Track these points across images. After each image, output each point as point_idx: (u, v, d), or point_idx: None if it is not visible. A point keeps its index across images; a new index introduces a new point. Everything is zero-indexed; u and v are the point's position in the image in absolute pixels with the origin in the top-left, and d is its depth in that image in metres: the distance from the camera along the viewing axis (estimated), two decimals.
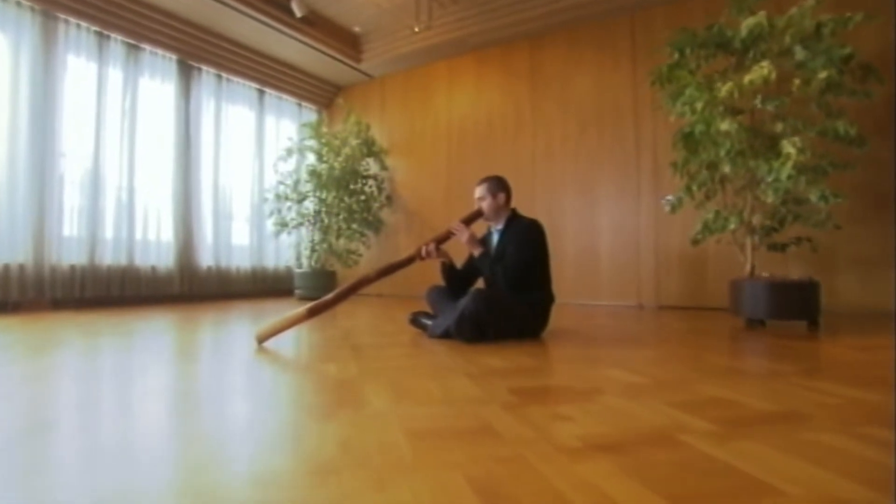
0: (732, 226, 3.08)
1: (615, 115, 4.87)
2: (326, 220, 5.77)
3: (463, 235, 2.62)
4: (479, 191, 2.74)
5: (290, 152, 5.87)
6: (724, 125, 2.89)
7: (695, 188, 3.37)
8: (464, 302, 2.37)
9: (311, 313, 2.34)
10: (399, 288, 5.67)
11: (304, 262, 5.89)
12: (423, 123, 6.13)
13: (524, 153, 5.34)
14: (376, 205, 6.09)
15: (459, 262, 2.85)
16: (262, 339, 2.27)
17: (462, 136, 5.82)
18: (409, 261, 2.62)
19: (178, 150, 5.22)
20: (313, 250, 5.82)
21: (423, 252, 2.63)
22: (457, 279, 2.77)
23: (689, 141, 3.34)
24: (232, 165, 5.86)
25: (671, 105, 3.35)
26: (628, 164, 4.79)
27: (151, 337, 2.64)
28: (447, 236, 2.68)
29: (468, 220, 2.69)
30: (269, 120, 6.39)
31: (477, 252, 2.62)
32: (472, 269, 2.80)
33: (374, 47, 5.96)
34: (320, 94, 6.75)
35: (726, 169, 3.05)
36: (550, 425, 1.17)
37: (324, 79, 6.60)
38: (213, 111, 5.67)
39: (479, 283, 2.82)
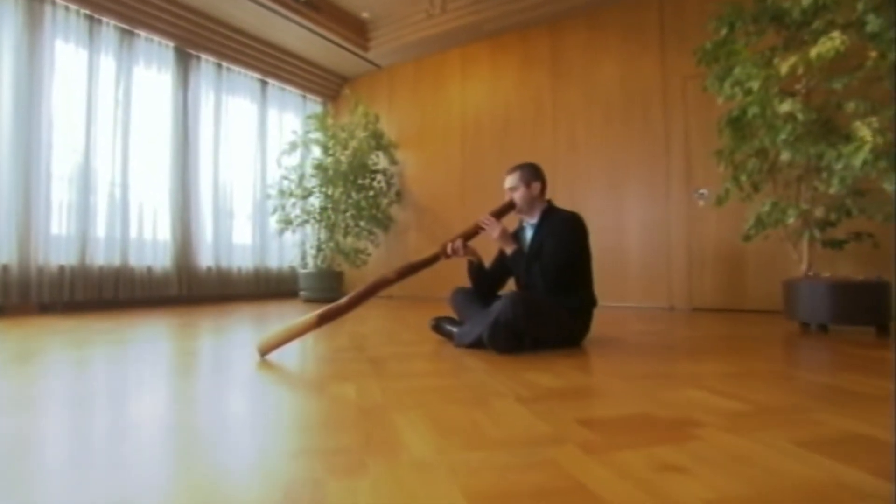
0: (791, 219, 2.74)
1: (643, 105, 4.54)
2: (333, 218, 5.46)
3: (494, 230, 2.29)
4: (511, 180, 2.42)
5: (294, 146, 5.56)
6: (786, 106, 2.56)
7: (743, 178, 3.04)
8: (499, 306, 2.05)
9: (322, 320, 2.02)
10: (413, 289, 5.34)
11: (310, 261, 5.58)
12: (435, 116, 5.81)
13: (545, 146, 5.01)
14: (385, 201, 5.77)
15: (487, 260, 2.52)
16: (264, 352, 1.95)
17: (477, 128, 5.50)
18: (433, 259, 2.29)
19: (176, 143, 4.92)
20: (319, 249, 5.51)
21: (449, 249, 2.31)
22: (485, 280, 2.45)
23: (737, 126, 3.02)
24: (233, 160, 5.55)
25: (717, 87, 3.02)
26: (658, 156, 4.46)
27: (141, 348, 2.32)
28: (475, 232, 2.35)
29: (498, 214, 2.37)
30: (272, 113, 6.08)
31: (510, 249, 2.30)
32: (502, 268, 2.47)
33: (383, 34, 5.64)
34: (325, 85, 6.44)
35: (783, 156, 2.72)
36: (659, 480, 0.85)
37: (329, 69, 6.29)
38: (213, 103, 5.36)
39: (510, 286, 2.50)
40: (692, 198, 4.31)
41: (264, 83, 5.91)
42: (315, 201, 5.56)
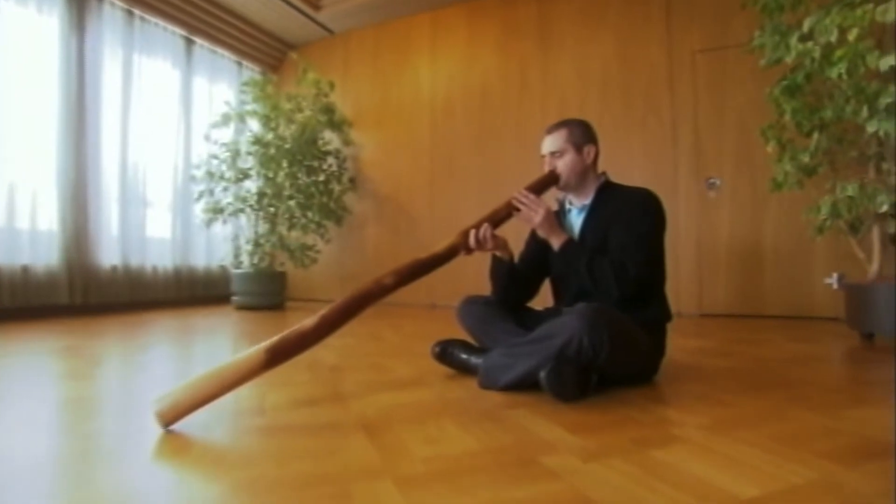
0: (884, 206, 2.18)
1: (646, 83, 3.96)
2: (275, 206, 4.50)
3: (536, 213, 1.54)
4: (553, 142, 1.68)
5: (227, 118, 4.55)
6: (890, 60, 1.98)
7: (805, 158, 2.47)
8: (566, 329, 1.30)
9: (275, 357, 1.19)
10: (400, 293, 4.49)
11: (245, 260, 4.58)
12: (399, 91, 4.99)
13: (530, 129, 4.33)
14: (339, 188, 4.87)
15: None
16: (170, 418, 1.09)
17: (449, 107, 4.73)
18: (449, 254, 1.51)
19: (66, 110, 3.79)
20: (257, 245, 4.53)
21: (473, 240, 1.53)
22: (517, 286, 1.69)
23: (798, 94, 2.45)
24: (147, 136, 4.45)
25: (776, 45, 2.43)
26: (663, 141, 3.89)
27: None
28: (507, 214, 1.59)
29: (537, 190, 1.62)
30: (200, 81, 5.01)
31: (558, 241, 1.55)
32: (536, 269, 1.73)
33: None
34: (266, 52, 5.44)
35: (870, 128, 2.15)
36: None
37: (271, 32, 5.30)
38: (121, 62, 4.25)
39: (539, 296, 1.77)
40: (703, 189, 3.77)
41: (190, 42, 4.84)
42: (252, 186, 4.58)
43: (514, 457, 0.95)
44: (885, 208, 2.16)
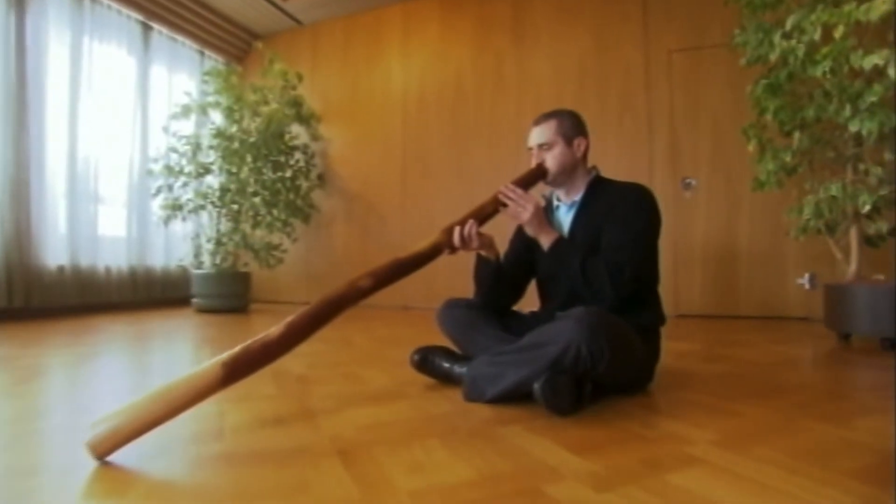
0: (867, 207, 2.16)
1: (622, 81, 3.92)
2: (239, 203, 4.27)
3: (525, 209, 1.43)
4: (541, 133, 1.57)
5: (188, 110, 4.29)
6: (874, 59, 1.96)
7: (787, 158, 2.45)
8: (562, 335, 1.19)
9: (233, 373, 1.03)
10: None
11: (206, 259, 4.33)
12: (370, 85, 4.81)
13: (505, 124, 4.23)
14: (307, 185, 4.66)
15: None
16: (106, 450, 0.91)
17: (422, 101, 4.59)
18: (431, 254, 1.37)
19: (4, 99, 3.47)
20: (219, 244, 4.29)
21: (457, 238, 1.40)
22: (503, 287, 1.57)
23: (780, 93, 2.42)
24: (99, 128, 4.14)
25: (759, 42, 2.40)
26: (639, 140, 3.86)
27: None
28: (494, 210, 1.47)
29: (523, 185, 1.51)
30: (158, 70, 4.71)
31: (548, 240, 1.44)
32: (522, 269, 1.62)
33: None
34: (231, 41, 5.18)
35: (852, 127, 2.13)
36: None
37: (236, 21, 5.05)
38: (69, 45, 3.94)
39: (525, 298, 1.66)
40: (678, 189, 3.75)
41: (147, 28, 4.54)
42: (214, 181, 4.33)
43: (516, 486, 0.82)
44: (867, 208, 2.14)
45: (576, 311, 1.21)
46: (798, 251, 3.42)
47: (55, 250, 3.80)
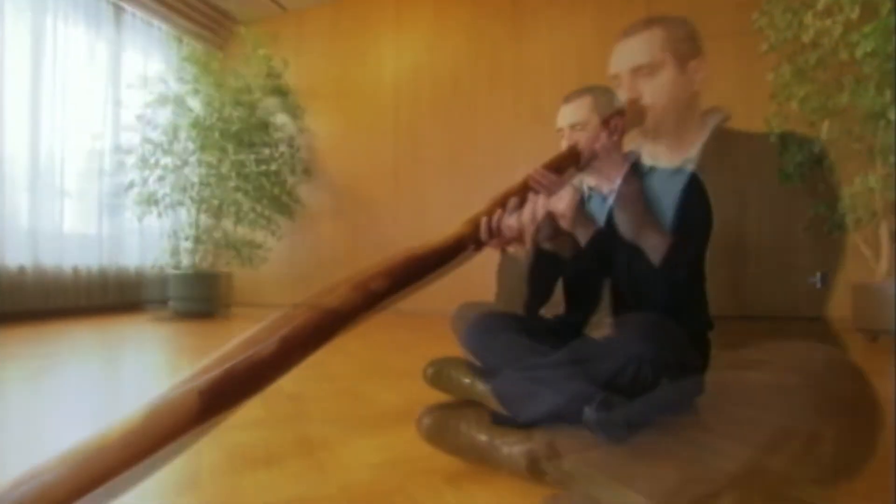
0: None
1: None
2: (219, 197, 3.98)
3: (560, 199, 1.22)
4: (574, 111, 1.40)
5: (164, 98, 3.99)
6: None
7: (815, 150, 2.28)
8: (631, 347, 0.98)
9: (212, 405, 0.79)
10: None
11: (184, 259, 4.03)
12: (360, 75, 4.56)
13: (503, 115, 4.03)
14: (292, 179, 4.40)
15: None
16: None
17: (415, 91, 4.36)
18: (456, 248, 1.15)
19: None
20: (198, 242, 4.00)
21: (484, 232, 1.18)
22: (546, 291, 1.36)
23: (806, 79, 2.26)
24: (65, 117, 3.82)
25: (787, 22, 2.23)
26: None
27: None
28: (523, 199, 1.25)
29: (556, 170, 1.29)
30: (132, 56, 4.40)
31: (586, 233, 1.23)
32: (554, 268, 1.40)
33: None
34: (211, 27, 4.88)
35: (893, 115, 1.97)
36: None
37: (216, 6, 4.75)
38: (30, 27, 3.62)
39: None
40: None
41: (119, 10, 4.23)
42: (192, 174, 4.03)
43: None
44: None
45: (636, 320, 1.01)
46: (808, 248, 3.28)
47: (14, 249, 3.48)
